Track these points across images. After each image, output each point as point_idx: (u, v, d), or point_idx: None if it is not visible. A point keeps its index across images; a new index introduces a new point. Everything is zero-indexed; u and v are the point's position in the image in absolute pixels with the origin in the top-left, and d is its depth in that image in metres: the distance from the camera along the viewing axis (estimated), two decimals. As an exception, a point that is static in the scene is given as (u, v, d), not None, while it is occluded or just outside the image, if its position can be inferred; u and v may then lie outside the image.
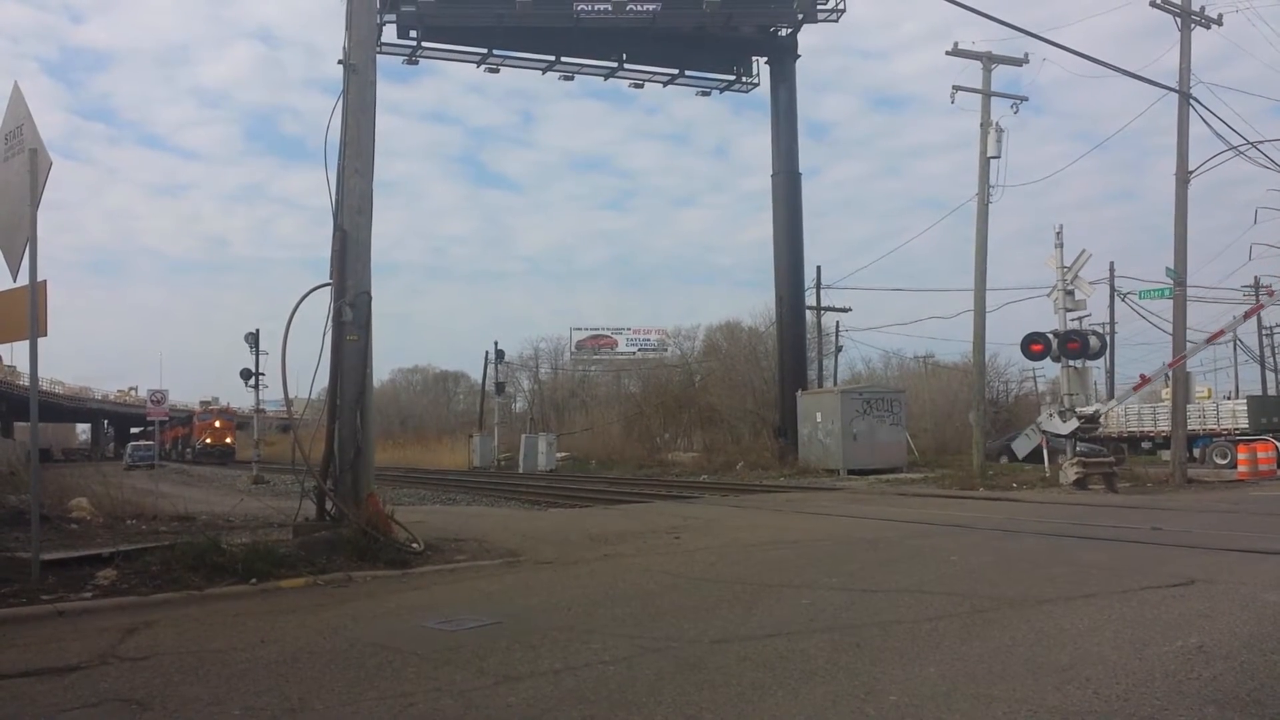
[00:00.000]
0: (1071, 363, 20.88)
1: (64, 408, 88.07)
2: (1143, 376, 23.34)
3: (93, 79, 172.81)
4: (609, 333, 75.47)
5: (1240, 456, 24.43)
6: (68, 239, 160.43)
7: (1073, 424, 20.35)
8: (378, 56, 11.86)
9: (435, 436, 65.87)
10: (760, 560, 9.82)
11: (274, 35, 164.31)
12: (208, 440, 66.15)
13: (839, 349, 46.50)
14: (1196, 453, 31.62)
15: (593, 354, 74.29)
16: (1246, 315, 27.26)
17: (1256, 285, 52.66)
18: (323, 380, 10.51)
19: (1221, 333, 24.24)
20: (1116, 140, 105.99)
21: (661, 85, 40.32)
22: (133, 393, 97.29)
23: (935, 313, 74.87)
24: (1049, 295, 21.70)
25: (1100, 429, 24.13)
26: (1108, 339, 38.75)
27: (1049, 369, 40.62)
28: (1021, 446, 23.59)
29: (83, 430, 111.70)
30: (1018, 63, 25.87)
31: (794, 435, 33.52)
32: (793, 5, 36.45)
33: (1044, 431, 21.53)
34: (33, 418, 8.43)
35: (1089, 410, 20.90)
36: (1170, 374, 24.08)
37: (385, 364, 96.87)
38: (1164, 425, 30.46)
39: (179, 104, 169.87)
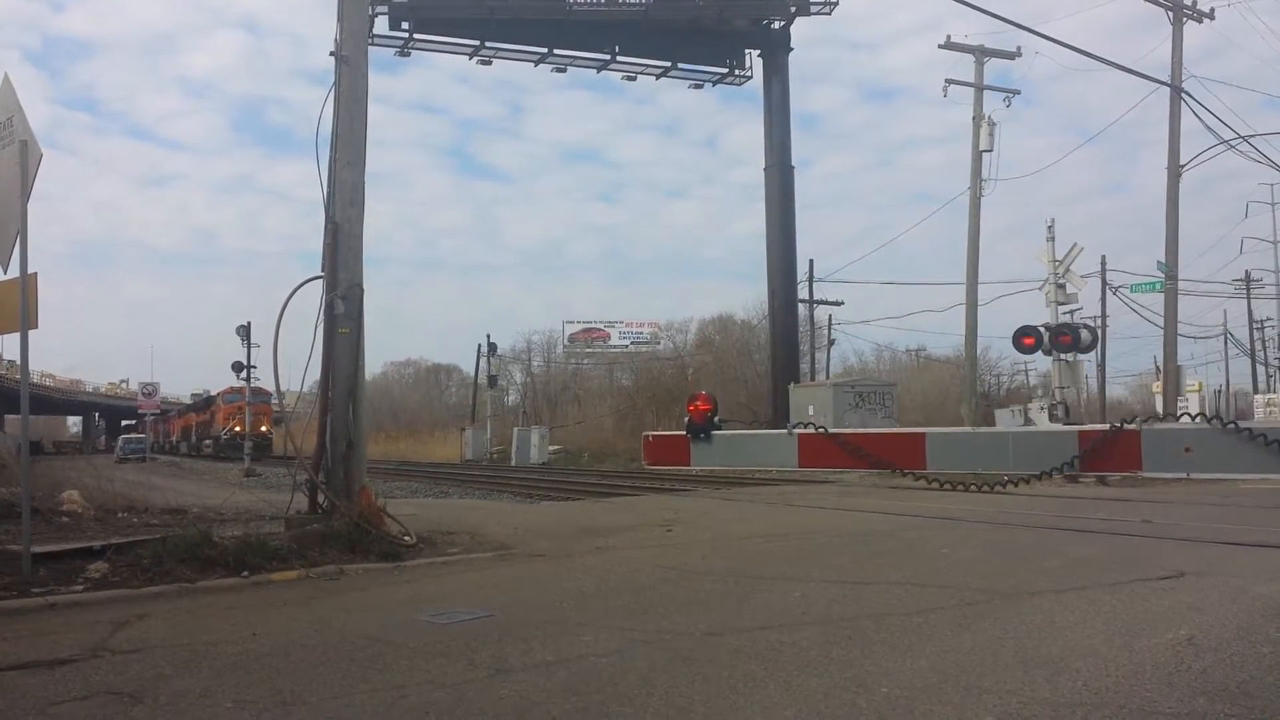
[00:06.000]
0: (1063, 356, 20.97)
1: (55, 400, 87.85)
2: None
3: (76, 68, 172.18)
4: (601, 326, 75.55)
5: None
6: (54, 231, 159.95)
7: (1056, 427, 20.51)
8: (369, 48, 11.82)
9: (427, 429, 65.81)
10: (752, 553, 9.84)
11: (259, 25, 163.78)
12: (237, 429, 53.04)
13: (831, 342, 46.60)
14: None
15: (585, 347, 74.36)
16: None
17: (1247, 279, 52.96)
18: (314, 373, 10.48)
19: None
20: (1108, 133, 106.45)
21: (654, 78, 40.26)
22: (124, 385, 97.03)
23: (927, 306, 75.21)
24: (1040, 289, 21.78)
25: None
26: (1099, 332, 38.89)
27: (1040, 362, 40.77)
28: (1004, 420, 23.79)
29: (74, 423, 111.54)
30: (1010, 56, 25.93)
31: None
32: (786, -2, 36.39)
33: (1031, 421, 21.68)
34: (23, 410, 8.40)
35: (1074, 421, 21.15)
36: (1162, 367, 24.20)
37: (377, 357, 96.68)
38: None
39: (164, 94, 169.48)
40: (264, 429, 50.41)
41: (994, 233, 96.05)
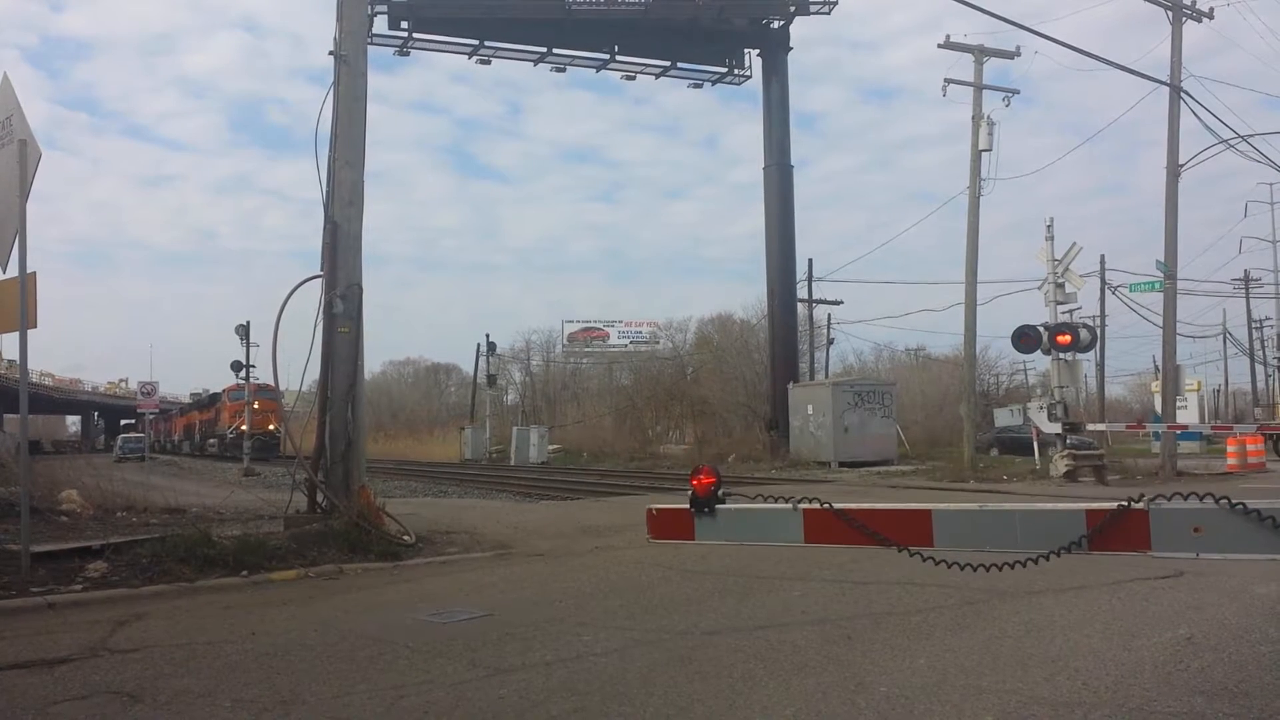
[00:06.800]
0: (1062, 355, 20.93)
1: (54, 400, 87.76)
2: None
3: (75, 68, 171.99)
4: (601, 325, 75.55)
5: (1230, 449, 24.47)
6: (53, 231, 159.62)
7: (1056, 427, 20.54)
8: (368, 48, 11.81)
9: (426, 429, 65.78)
10: (752, 552, 9.82)
11: (258, 24, 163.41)
12: (243, 427, 48.11)
13: (830, 342, 46.54)
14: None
15: (584, 346, 74.34)
16: None
17: (1246, 279, 52.97)
18: (313, 373, 10.48)
19: None
20: (1107, 133, 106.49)
21: (654, 78, 40.25)
22: (123, 385, 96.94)
23: (926, 305, 75.06)
24: (1039, 288, 21.73)
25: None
26: (1098, 332, 38.85)
27: (1039, 361, 40.77)
28: (1003, 416, 23.83)
29: (73, 422, 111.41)
30: (1010, 56, 25.88)
31: (785, 428, 33.54)
32: (785, -3, 36.38)
33: (1031, 420, 21.72)
34: (22, 409, 8.39)
35: (1073, 420, 21.16)
36: (1160, 367, 24.23)
37: (376, 356, 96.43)
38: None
39: (163, 94, 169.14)
40: (271, 427, 47.37)
41: (993, 232, 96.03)
